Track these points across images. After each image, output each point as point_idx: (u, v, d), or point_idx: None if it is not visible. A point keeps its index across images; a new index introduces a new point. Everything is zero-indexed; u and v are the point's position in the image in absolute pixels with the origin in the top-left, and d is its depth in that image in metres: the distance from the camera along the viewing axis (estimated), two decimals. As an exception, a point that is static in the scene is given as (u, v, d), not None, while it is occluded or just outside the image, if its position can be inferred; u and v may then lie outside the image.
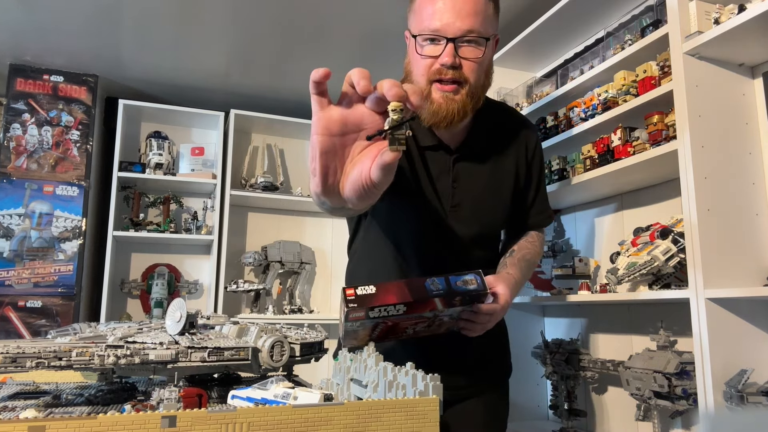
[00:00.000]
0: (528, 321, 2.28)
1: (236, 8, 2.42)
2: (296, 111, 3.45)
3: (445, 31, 1.07)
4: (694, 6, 1.43)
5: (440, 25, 1.07)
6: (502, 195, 1.26)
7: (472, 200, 1.22)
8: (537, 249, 1.32)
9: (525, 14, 2.33)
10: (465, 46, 1.08)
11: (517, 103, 2.26)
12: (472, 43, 1.08)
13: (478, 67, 1.11)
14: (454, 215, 1.21)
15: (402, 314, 0.96)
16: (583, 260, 1.94)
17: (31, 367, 0.83)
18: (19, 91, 2.94)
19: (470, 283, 0.97)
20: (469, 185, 1.22)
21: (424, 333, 1.07)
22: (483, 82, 1.14)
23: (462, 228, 1.22)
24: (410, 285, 0.96)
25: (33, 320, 2.78)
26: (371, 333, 1.03)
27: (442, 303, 0.96)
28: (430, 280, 0.96)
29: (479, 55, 1.09)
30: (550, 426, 2.05)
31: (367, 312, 0.94)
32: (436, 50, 1.08)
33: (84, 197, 2.95)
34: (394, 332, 1.05)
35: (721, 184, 1.40)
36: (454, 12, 1.06)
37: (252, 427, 0.63)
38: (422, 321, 1.01)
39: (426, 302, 0.95)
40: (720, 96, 1.45)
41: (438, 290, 0.95)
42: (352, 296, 0.94)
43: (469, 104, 1.12)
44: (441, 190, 1.21)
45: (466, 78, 1.10)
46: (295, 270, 3.34)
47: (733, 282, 1.35)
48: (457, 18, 1.06)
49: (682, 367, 1.44)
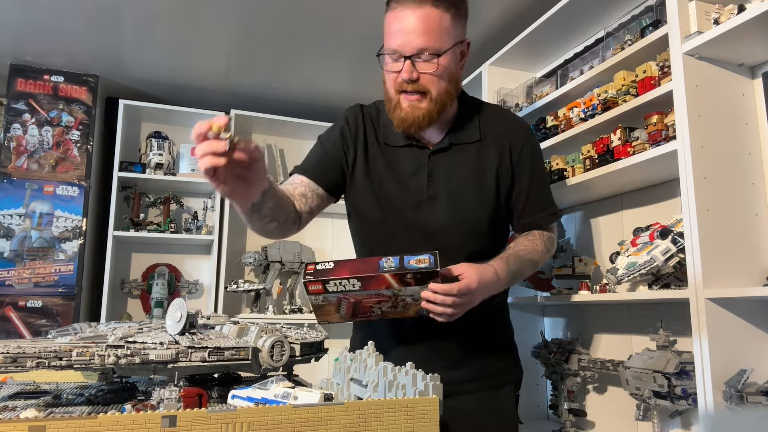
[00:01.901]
0: (528, 321, 2.28)
1: (236, 8, 2.42)
2: (296, 111, 3.45)
3: (402, 49, 1.19)
4: (694, 6, 1.43)
5: (397, 45, 1.20)
6: (483, 189, 1.30)
7: (449, 192, 1.28)
8: (538, 247, 1.33)
9: (525, 14, 2.33)
10: (420, 62, 1.20)
11: (517, 103, 2.26)
12: (427, 59, 1.20)
13: (437, 79, 1.22)
14: (430, 207, 1.28)
15: (358, 290, 1.03)
16: (583, 260, 1.94)
17: (31, 366, 0.83)
18: (19, 92, 2.94)
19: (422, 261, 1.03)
20: (446, 178, 1.29)
21: (392, 314, 1.12)
22: (447, 88, 1.24)
23: (440, 219, 1.27)
24: (365, 262, 1.04)
25: (33, 320, 2.78)
26: (338, 309, 1.09)
27: (395, 280, 1.02)
28: (384, 259, 1.03)
29: (434, 69, 1.20)
30: (550, 426, 2.05)
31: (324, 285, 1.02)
32: (398, 66, 1.21)
33: (84, 197, 2.96)
34: (361, 311, 1.10)
35: (721, 184, 1.40)
36: (409, 32, 1.18)
37: (252, 427, 0.63)
38: (384, 299, 1.07)
39: (378, 278, 1.01)
40: (719, 96, 1.45)
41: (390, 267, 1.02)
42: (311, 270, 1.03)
43: (435, 110, 1.23)
44: (417, 184, 1.29)
45: (426, 89, 1.22)
46: (296, 270, 3.34)
47: (732, 282, 1.35)
48: (412, 37, 1.18)
49: (681, 366, 1.44)
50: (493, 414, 1.29)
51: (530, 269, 1.31)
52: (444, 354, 1.26)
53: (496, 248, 1.34)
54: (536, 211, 1.35)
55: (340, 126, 1.37)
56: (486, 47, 2.59)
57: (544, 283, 2.04)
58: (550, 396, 2.04)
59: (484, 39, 2.61)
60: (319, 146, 1.37)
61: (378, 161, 1.32)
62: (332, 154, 1.34)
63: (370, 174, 1.32)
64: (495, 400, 1.31)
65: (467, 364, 1.28)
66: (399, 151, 1.32)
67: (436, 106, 1.23)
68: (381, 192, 1.31)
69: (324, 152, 1.35)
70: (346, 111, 1.40)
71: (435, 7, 1.18)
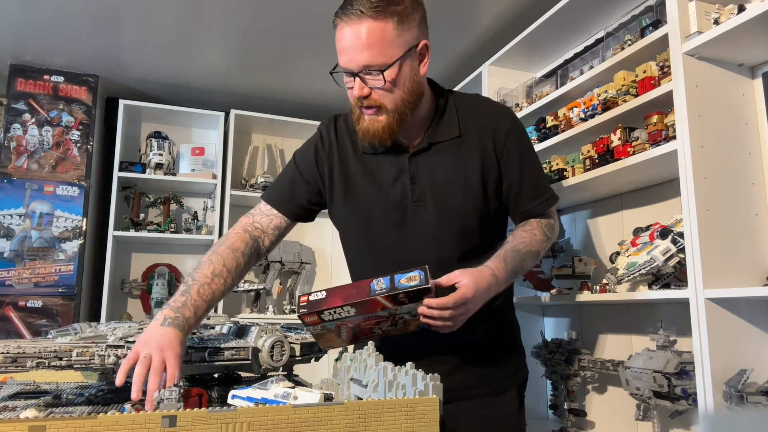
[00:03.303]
0: (528, 321, 2.28)
1: (236, 8, 2.42)
2: (296, 111, 3.45)
3: (350, 65, 1.17)
4: (694, 6, 1.43)
5: (344, 63, 1.18)
6: (468, 185, 1.26)
7: (434, 194, 1.25)
8: (537, 237, 1.28)
9: (525, 14, 2.33)
10: (369, 78, 1.17)
11: (517, 103, 2.26)
12: (374, 73, 1.16)
13: (388, 92, 1.18)
14: (417, 211, 1.25)
15: (354, 315, 1.01)
16: (583, 260, 1.94)
17: (31, 366, 0.83)
18: (19, 92, 2.94)
19: (413, 279, 1.01)
20: (429, 179, 1.26)
21: (394, 332, 1.11)
22: (402, 98, 1.20)
23: (429, 222, 1.25)
24: (356, 287, 1.02)
25: (33, 320, 2.78)
26: (338, 335, 1.08)
27: (388, 301, 1.00)
28: (375, 281, 1.01)
29: (381, 84, 1.17)
30: (550, 426, 2.05)
31: (318, 315, 1.01)
32: (350, 82, 1.19)
33: (84, 197, 2.96)
34: (363, 333, 1.09)
35: (721, 185, 1.39)
36: (351, 49, 1.15)
37: (252, 427, 0.63)
38: (382, 320, 1.05)
39: (371, 302, 0.99)
40: (719, 96, 1.45)
41: (382, 289, 1.00)
42: (304, 302, 1.02)
43: (394, 121, 1.20)
44: (400, 190, 1.26)
45: (379, 103, 1.19)
46: (296, 270, 3.34)
47: (732, 282, 1.35)
48: (356, 54, 1.15)
49: (681, 366, 1.44)
50: (493, 420, 1.27)
51: (532, 261, 1.27)
52: (444, 360, 1.23)
53: (491, 243, 1.30)
54: (530, 199, 1.30)
55: (315, 143, 1.35)
56: (486, 47, 2.59)
57: (544, 283, 2.04)
58: (550, 396, 2.04)
59: (484, 39, 2.61)
60: (293, 168, 1.37)
61: (357, 172, 1.30)
62: (306, 176, 1.33)
63: (349, 186, 1.30)
64: (496, 405, 1.29)
65: (467, 370, 1.26)
66: (378, 158, 1.29)
67: (395, 117, 1.20)
68: (363, 203, 1.28)
69: (296, 175, 1.35)
70: (320, 125, 1.38)
71: (374, 20, 1.13)
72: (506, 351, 1.36)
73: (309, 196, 1.34)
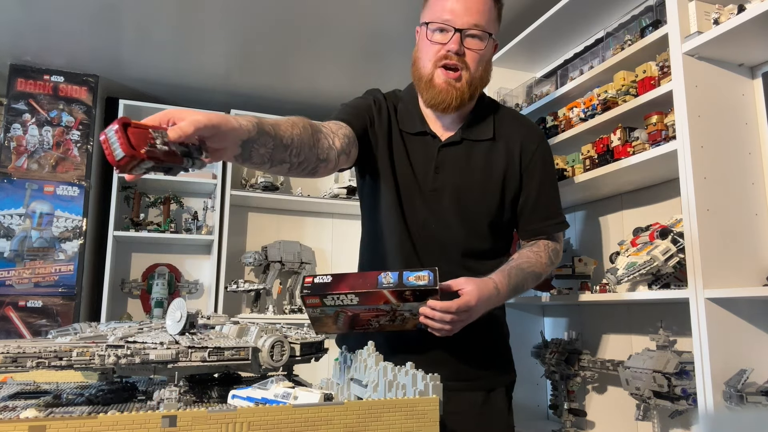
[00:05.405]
0: (528, 321, 2.28)
1: (236, 8, 2.42)
2: (296, 111, 3.40)
3: (454, 22, 1.21)
4: (694, 6, 1.43)
5: (450, 17, 1.22)
6: (488, 188, 1.29)
7: (454, 187, 1.28)
8: (541, 260, 1.30)
9: (525, 14, 2.33)
10: (469, 38, 1.22)
11: (517, 103, 2.26)
12: (476, 36, 1.23)
13: (479, 59, 1.24)
14: (432, 199, 1.28)
15: (356, 304, 1.02)
16: (583, 260, 1.94)
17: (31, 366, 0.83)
18: (19, 92, 2.94)
19: (422, 278, 1.01)
20: (452, 173, 1.28)
21: (390, 327, 1.11)
22: (481, 75, 1.27)
23: (441, 212, 1.27)
24: (364, 277, 1.03)
25: (33, 320, 2.78)
26: (335, 322, 1.08)
27: (393, 296, 1.01)
28: (384, 274, 1.01)
29: (481, 47, 1.23)
30: (550, 426, 2.05)
31: (321, 299, 1.01)
32: (445, 38, 1.23)
33: (84, 197, 2.96)
34: (359, 323, 1.09)
35: (721, 185, 1.40)
36: (464, 7, 1.21)
37: (252, 426, 0.63)
38: (382, 314, 1.06)
39: (377, 294, 1.00)
40: (719, 96, 1.45)
41: (389, 284, 1.00)
42: (309, 283, 1.03)
43: (467, 93, 1.24)
44: (422, 175, 1.29)
45: (467, 65, 1.23)
46: (296, 270, 3.34)
47: (732, 282, 1.35)
48: (466, 13, 1.21)
49: (681, 366, 1.44)
50: (482, 416, 1.28)
51: (533, 282, 1.29)
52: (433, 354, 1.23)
53: (495, 251, 1.32)
54: (543, 218, 1.33)
55: (371, 98, 1.36)
56: (486, 47, 2.59)
57: (544, 283, 2.04)
58: (550, 396, 2.04)
59: (484, 39, 2.61)
60: (351, 104, 1.34)
61: (398, 143, 1.32)
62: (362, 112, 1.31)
63: (391, 153, 1.31)
64: (486, 401, 1.29)
65: (452, 364, 1.25)
66: (413, 139, 1.32)
67: (469, 90, 1.24)
68: (398, 173, 1.30)
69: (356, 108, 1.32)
70: (368, 91, 1.39)
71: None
72: (495, 351, 1.37)
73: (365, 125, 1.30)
